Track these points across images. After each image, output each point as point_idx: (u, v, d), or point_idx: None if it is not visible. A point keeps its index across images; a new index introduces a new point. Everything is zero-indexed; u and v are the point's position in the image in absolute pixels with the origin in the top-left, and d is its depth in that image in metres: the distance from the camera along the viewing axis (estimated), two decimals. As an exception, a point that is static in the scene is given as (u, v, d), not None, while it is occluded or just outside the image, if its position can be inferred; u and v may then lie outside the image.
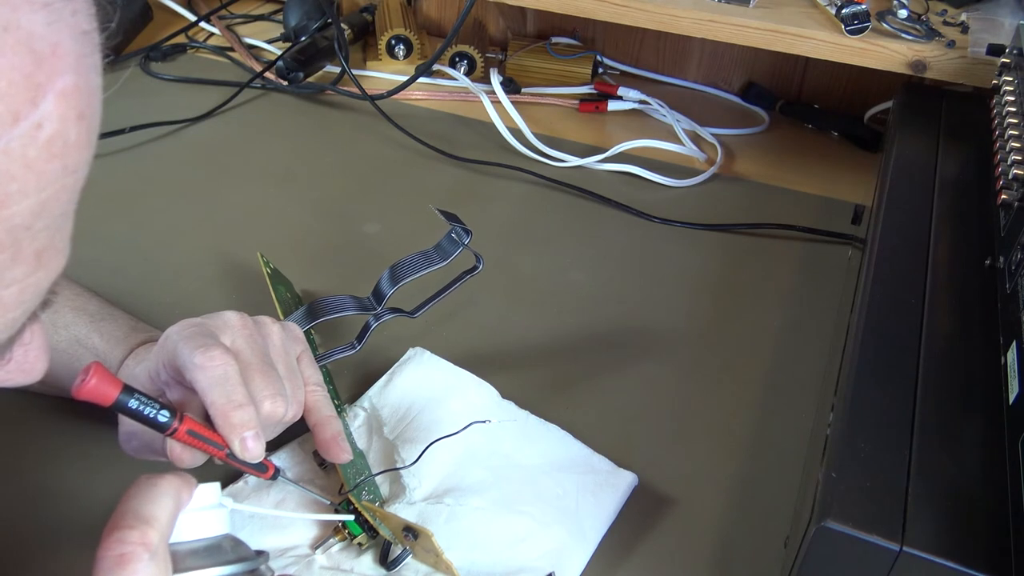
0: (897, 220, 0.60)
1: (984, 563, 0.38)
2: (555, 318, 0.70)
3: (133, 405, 0.43)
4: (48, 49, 0.21)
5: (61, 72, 0.21)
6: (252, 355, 0.48)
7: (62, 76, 0.21)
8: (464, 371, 0.60)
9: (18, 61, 0.20)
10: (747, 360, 0.67)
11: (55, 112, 0.21)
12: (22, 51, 0.20)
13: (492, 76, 0.96)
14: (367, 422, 0.58)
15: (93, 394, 0.42)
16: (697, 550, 0.53)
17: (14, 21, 0.20)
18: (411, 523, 0.48)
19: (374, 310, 0.61)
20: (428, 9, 1.15)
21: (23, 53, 0.20)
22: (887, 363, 0.48)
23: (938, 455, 0.43)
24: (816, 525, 0.39)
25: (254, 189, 0.84)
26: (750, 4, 0.83)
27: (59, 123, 0.21)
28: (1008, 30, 0.79)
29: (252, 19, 1.16)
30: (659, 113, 0.99)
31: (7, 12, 0.20)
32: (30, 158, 0.21)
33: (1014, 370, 0.45)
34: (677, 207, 0.84)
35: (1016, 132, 0.59)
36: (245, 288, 0.70)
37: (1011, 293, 0.50)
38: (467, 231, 0.60)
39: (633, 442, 0.59)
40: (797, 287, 0.75)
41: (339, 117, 0.97)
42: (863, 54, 0.79)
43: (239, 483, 0.53)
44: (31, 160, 0.21)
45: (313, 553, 0.50)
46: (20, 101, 0.20)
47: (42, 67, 0.21)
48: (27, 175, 0.21)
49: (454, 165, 0.89)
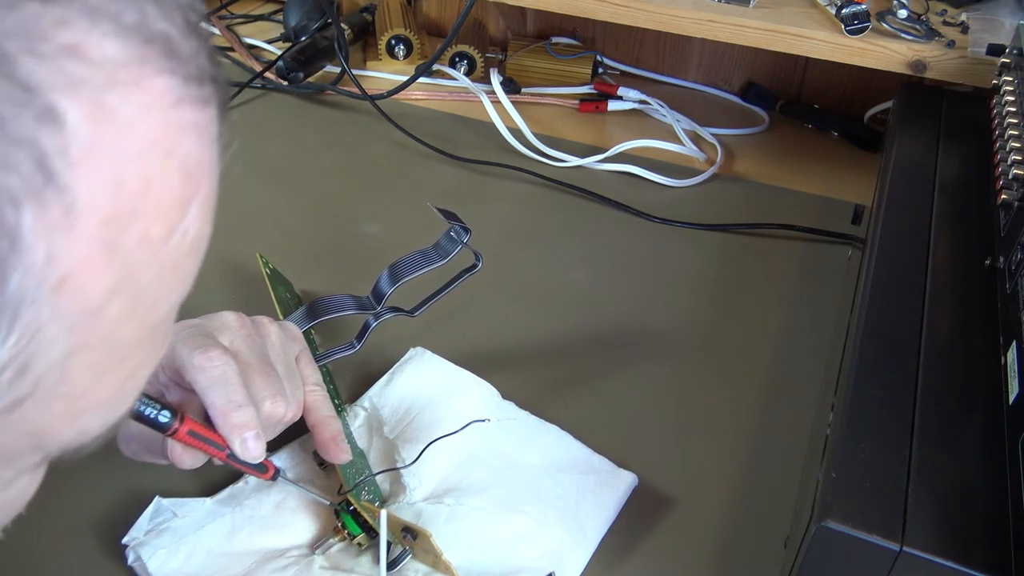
0: (897, 220, 0.60)
1: (984, 563, 0.38)
2: (555, 318, 0.70)
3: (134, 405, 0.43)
4: (195, 166, 0.22)
5: (203, 182, 0.23)
6: (251, 355, 0.48)
7: (204, 186, 0.23)
8: (464, 371, 0.60)
9: (176, 182, 0.22)
10: (747, 360, 0.67)
11: (197, 217, 0.23)
12: (179, 173, 0.22)
13: (492, 76, 0.96)
14: (367, 422, 0.58)
15: None
16: (697, 550, 0.53)
17: (176, 147, 0.22)
18: (410, 523, 0.48)
19: (374, 309, 0.61)
20: (428, 9, 1.15)
21: (179, 174, 0.22)
22: (887, 363, 0.48)
23: (938, 455, 0.43)
24: (816, 525, 0.39)
25: (254, 189, 0.84)
26: (750, 4, 0.83)
27: (199, 225, 0.23)
28: (1008, 30, 0.79)
29: (252, 19, 1.16)
30: (659, 113, 0.99)
31: (171, 139, 0.21)
32: (178, 262, 0.23)
33: (1014, 370, 0.45)
34: (677, 207, 0.84)
35: (1016, 132, 0.59)
36: (245, 288, 0.70)
37: (1011, 293, 0.50)
38: (466, 229, 0.60)
39: (633, 442, 0.59)
40: (797, 287, 0.75)
41: (339, 117, 0.97)
42: (863, 54, 0.79)
43: (239, 483, 0.53)
44: (178, 263, 0.23)
45: (313, 553, 0.50)
46: (174, 218, 0.22)
47: (190, 182, 0.22)
48: (174, 278, 0.23)
49: (454, 165, 0.89)
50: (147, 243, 0.21)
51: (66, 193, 0.19)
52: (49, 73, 0.19)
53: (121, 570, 0.49)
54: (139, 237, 0.21)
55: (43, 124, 0.19)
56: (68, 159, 0.19)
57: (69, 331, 0.20)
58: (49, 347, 0.20)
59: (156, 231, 0.22)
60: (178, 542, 0.49)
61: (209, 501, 0.52)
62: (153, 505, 0.50)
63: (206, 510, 0.51)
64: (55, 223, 0.19)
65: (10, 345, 0.19)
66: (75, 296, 0.20)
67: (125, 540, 0.49)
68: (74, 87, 0.19)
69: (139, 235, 0.21)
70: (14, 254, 0.19)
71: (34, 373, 0.20)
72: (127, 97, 0.20)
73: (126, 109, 0.20)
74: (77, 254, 0.20)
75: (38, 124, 0.19)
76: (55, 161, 0.19)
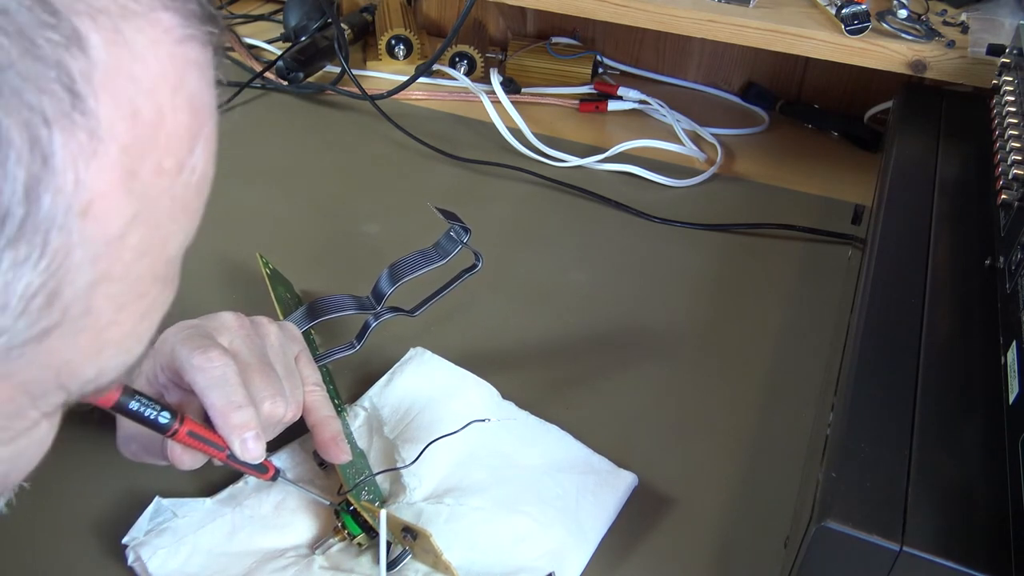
0: (897, 220, 0.60)
1: (984, 563, 0.38)
2: (555, 318, 0.70)
3: (134, 406, 0.43)
4: (200, 103, 0.23)
5: (207, 120, 0.24)
6: (250, 356, 0.48)
7: (208, 124, 0.24)
8: (464, 371, 0.60)
9: (185, 116, 0.23)
10: (747, 360, 0.67)
11: (203, 155, 0.24)
12: (187, 107, 0.23)
13: (492, 76, 0.96)
14: (367, 422, 0.58)
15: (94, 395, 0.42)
16: (697, 550, 0.53)
17: (182, 82, 0.22)
18: (410, 523, 0.48)
19: (374, 309, 0.61)
20: (428, 9, 1.15)
21: (187, 108, 0.23)
22: (887, 363, 0.48)
23: (938, 455, 0.43)
24: (816, 525, 0.39)
25: (254, 189, 0.84)
26: (750, 4, 0.83)
27: (205, 164, 0.24)
28: (1008, 30, 0.79)
29: (252, 19, 1.16)
30: (659, 113, 0.99)
31: (178, 73, 0.22)
32: (187, 200, 0.24)
33: (1014, 370, 0.45)
34: (677, 207, 0.84)
35: (1016, 132, 0.59)
36: (245, 288, 0.70)
37: (1011, 293, 0.50)
38: (466, 229, 0.60)
39: (633, 442, 0.59)
40: (797, 287, 0.75)
41: (339, 117, 0.97)
42: (863, 54, 0.79)
43: (239, 484, 0.53)
44: (188, 201, 0.24)
45: (313, 553, 0.50)
46: (184, 152, 0.23)
47: (197, 118, 0.23)
48: (184, 215, 0.24)
49: (454, 165, 0.89)
50: (161, 175, 0.22)
51: (91, 117, 0.20)
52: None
53: (121, 570, 0.49)
54: (154, 168, 0.22)
55: (69, 47, 0.19)
56: (92, 83, 0.20)
57: (93, 260, 0.21)
58: (76, 275, 0.21)
59: (169, 163, 0.22)
60: (178, 542, 0.49)
61: (209, 501, 0.52)
62: (153, 505, 0.50)
63: (206, 510, 0.51)
64: (82, 147, 0.20)
65: (41, 269, 0.20)
66: (99, 223, 0.21)
67: (125, 540, 0.49)
68: (94, 14, 0.20)
69: (154, 166, 0.22)
70: (47, 174, 0.19)
71: (62, 301, 0.21)
72: (140, 28, 0.21)
73: (139, 39, 0.21)
74: (101, 181, 0.20)
75: (65, 47, 0.19)
76: (81, 85, 0.19)
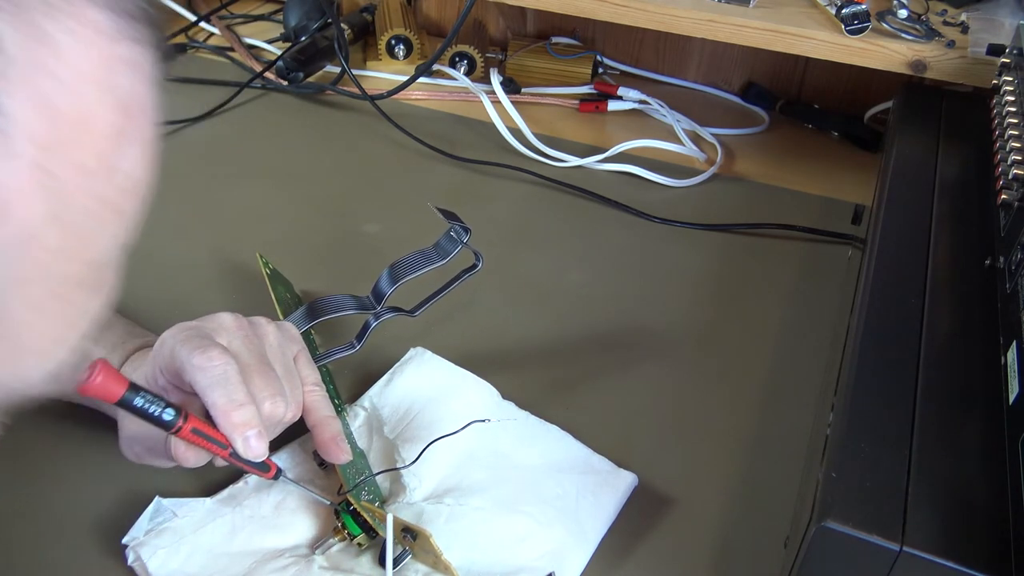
0: (897, 220, 0.60)
1: (984, 563, 0.38)
2: (555, 318, 0.70)
3: (139, 403, 0.43)
4: (131, 103, 0.23)
5: (140, 121, 0.23)
6: (249, 356, 0.48)
7: (141, 124, 0.23)
8: (464, 371, 0.60)
9: (111, 116, 0.22)
10: (747, 360, 0.67)
11: (135, 156, 0.23)
12: (115, 106, 0.22)
13: (492, 76, 0.96)
14: (367, 422, 0.58)
15: (99, 390, 0.42)
16: (697, 550, 0.53)
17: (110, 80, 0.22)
18: (410, 523, 0.48)
19: (374, 309, 0.61)
20: (428, 9, 1.15)
21: (115, 107, 0.22)
22: (887, 363, 0.48)
23: (938, 455, 0.43)
24: (816, 525, 0.39)
25: (254, 189, 0.84)
26: (750, 4, 0.83)
27: (137, 165, 0.24)
28: (1008, 30, 0.79)
29: (252, 19, 1.16)
30: (659, 113, 0.99)
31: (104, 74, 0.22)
32: (116, 202, 0.23)
33: (1014, 370, 0.45)
34: (677, 207, 0.84)
35: (1016, 132, 0.59)
36: (244, 288, 0.70)
37: (1011, 293, 0.50)
38: (466, 229, 0.60)
39: (633, 442, 0.59)
40: (797, 287, 0.75)
41: (339, 117, 0.97)
42: (863, 54, 0.79)
43: (239, 483, 0.53)
44: (116, 203, 0.23)
45: (313, 553, 0.50)
46: (110, 152, 0.22)
47: (127, 118, 0.23)
48: (112, 217, 0.23)
49: (454, 165, 0.89)
50: (84, 174, 0.22)
51: (4, 116, 0.19)
52: None
53: (121, 570, 0.49)
54: (75, 168, 0.21)
55: None
56: (7, 80, 0.19)
57: (6, 261, 0.20)
58: None
59: (92, 163, 0.22)
60: (178, 542, 0.49)
61: (209, 501, 0.52)
62: (153, 505, 0.50)
63: (206, 510, 0.51)
64: None
65: None
66: (12, 223, 0.20)
67: (125, 540, 0.49)
68: (11, 10, 0.19)
69: (75, 165, 0.21)
70: None
71: None
72: (63, 26, 0.21)
73: (63, 37, 0.20)
74: (15, 180, 0.20)
75: None
76: None
